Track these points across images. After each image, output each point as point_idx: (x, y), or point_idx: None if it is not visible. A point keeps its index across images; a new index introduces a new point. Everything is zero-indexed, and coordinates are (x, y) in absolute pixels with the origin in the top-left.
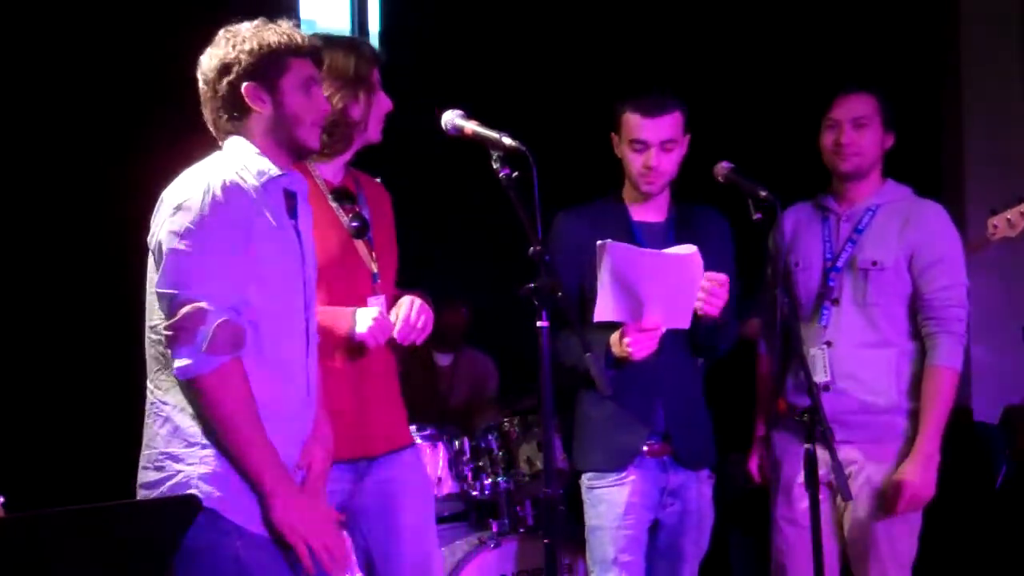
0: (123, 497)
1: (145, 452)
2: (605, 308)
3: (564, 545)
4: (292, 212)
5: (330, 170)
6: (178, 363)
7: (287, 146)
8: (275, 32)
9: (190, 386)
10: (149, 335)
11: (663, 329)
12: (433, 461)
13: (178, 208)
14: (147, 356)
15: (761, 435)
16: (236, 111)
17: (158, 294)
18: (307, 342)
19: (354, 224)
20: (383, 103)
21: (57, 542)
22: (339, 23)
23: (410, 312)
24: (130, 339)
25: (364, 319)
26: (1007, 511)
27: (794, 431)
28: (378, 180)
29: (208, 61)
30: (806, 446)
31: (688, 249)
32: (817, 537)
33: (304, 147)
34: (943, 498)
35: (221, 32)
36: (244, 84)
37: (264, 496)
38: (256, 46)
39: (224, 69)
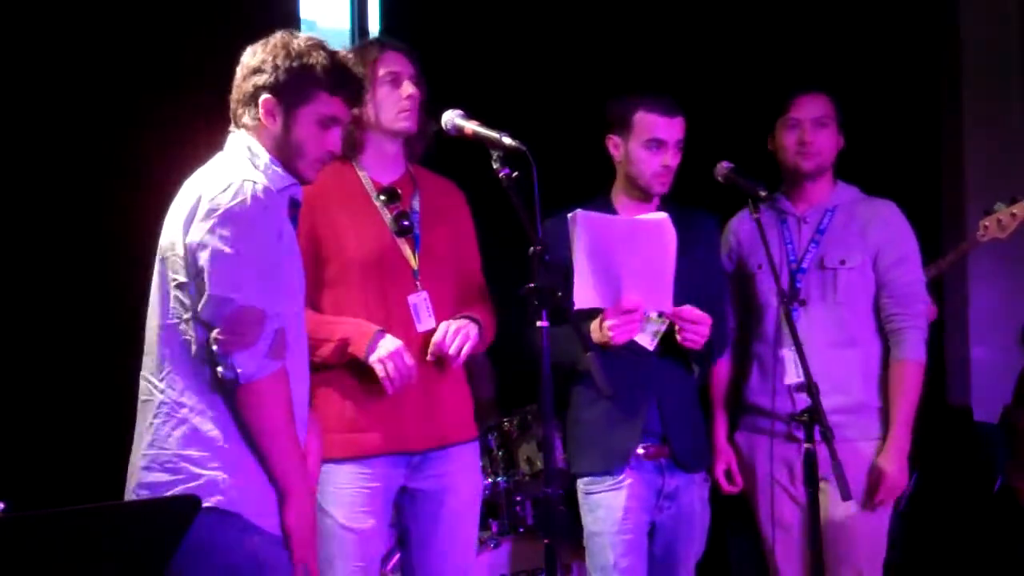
0: (120, 498)
1: (150, 452)
2: (583, 292)
3: (563, 545)
4: (294, 220)
5: (381, 169)
6: (238, 368)
7: (283, 166)
8: (323, 60)
9: (242, 390)
10: (161, 333)
11: (643, 312)
12: None
13: (227, 212)
14: (158, 355)
15: (723, 440)
16: (252, 112)
17: (211, 297)
18: (304, 346)
19: (403, 223)
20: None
21: (57, 542)
22: (339, 23)
23: (444, 337)
24: (130, 339)
25: (383, 350)
26: (1007, 511)
27: (760, 431)
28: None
29: (251, 56)
30: (805, 446)
31: (659, 215)
32: (817, 535)
33: (299, 176)
34: (943, 498)
35: (279, 34)
36: (264, 96)
37: (286, 497)
38: (294, 67)
39: (256, 71)
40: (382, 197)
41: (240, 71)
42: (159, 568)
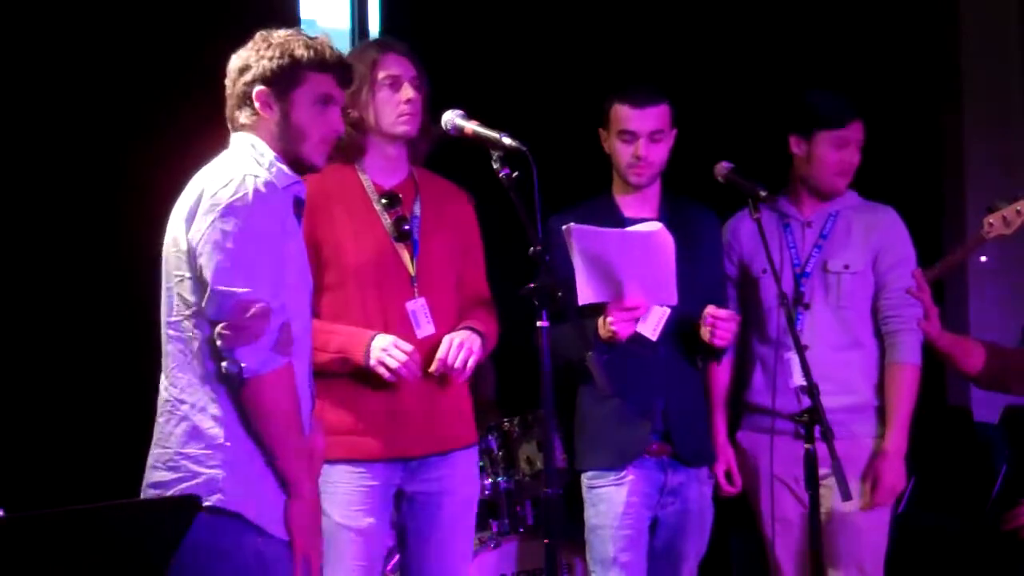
0: (125, 497)
1: (156, 451)
2: (585, 290)
3: (564, 545)
4: (299, 218)
5: (383, 173)
6: (242, 362)
7: (289, 157)
8: (303, 44)
9: (247, 386)
10: (167, 331)
11: (647, 307)
12: None
13: (229, 207)
14: (164, 352)
15: (723, 441)
16: (249, 111)
17: (213, 292)
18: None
19: (403, 228)
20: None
21: (57, 542)
22: (339, 23)
23: (447, 352)
24: (129, 338)
25: (376, 349)
26: (1007, 511)
27: (762, 430)
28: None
29: (235, 61)
30: (806, 446)
31: (653, 226)
32: (817, 535)
33: (306, 163)
34: (943, 498)
35: (257, 35)
36: (257, 88)
37: (293, 497)
38: (278, 54)
39: (244, 69)
40: (383, 201)
41: (229, 78)
42: (159, 568)
